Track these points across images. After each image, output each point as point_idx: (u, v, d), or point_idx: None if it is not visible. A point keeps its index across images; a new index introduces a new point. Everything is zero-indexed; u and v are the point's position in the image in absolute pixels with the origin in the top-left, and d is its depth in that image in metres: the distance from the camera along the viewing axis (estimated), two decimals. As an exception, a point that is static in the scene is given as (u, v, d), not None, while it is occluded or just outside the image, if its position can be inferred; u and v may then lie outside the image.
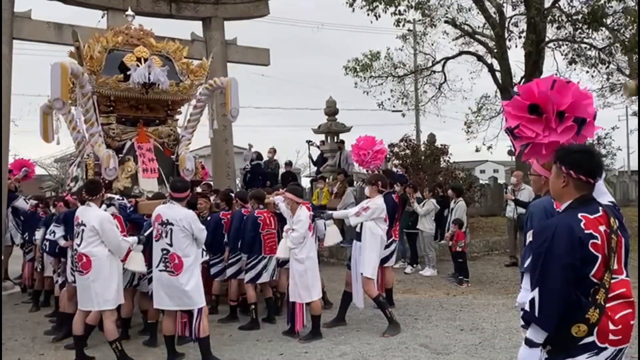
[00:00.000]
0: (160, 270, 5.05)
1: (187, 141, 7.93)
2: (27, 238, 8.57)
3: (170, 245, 5.00)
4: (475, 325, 6.28)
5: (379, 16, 14.73)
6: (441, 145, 13.87)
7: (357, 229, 6.27)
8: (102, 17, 11.81)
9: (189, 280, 5.01)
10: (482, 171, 41.56)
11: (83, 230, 5.13)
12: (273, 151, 13.92)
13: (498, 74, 16.10)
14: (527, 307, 2.34)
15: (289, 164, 14.42)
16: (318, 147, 14.51)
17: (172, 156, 7.83)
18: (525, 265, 2.49)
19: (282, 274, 6.91)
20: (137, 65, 7.17)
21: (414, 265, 9.95)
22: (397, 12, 14.79)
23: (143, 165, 7.34)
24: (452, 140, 15.95)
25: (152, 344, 5.81)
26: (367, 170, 9.36)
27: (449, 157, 13.74)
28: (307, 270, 5.88)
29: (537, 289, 2.31)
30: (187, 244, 5.05)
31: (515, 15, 15.60)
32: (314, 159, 14.55)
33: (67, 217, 6.17)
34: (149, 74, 7.12)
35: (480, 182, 17.02)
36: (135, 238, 5.42)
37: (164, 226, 5.04)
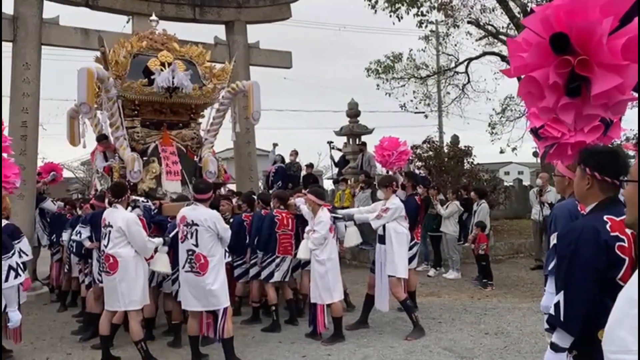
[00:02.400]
0: (187, 271, 5.11)
1: (210, 144, 8.01)
2: (54, 239, 8.74)
3: (196, 245, 5.05)
4: (500, 329, 6.19)
5: (402, 17, 14.69)
6: (465, 146, 13.73)
7: (380, 232, 6.25)
8: (127, 23, 12.04)
9: (215, 279, 5.07)
10: (507, 173, 41.01)
11: (110, 231, 5.22)
12: (295, 154, 13.96)
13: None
14: (552, 311, 2.30)
15: (310, 166, 14.43)
16: (339, 149, 14.51)
17: (195, 159, 7.91)
18: (550, 268, 2.45)
19: (304, 275, 6.93)
20: (161, 70, 7.28)
21: (437, 268, 9.87)
22: (419, 13, 14.73)
23: (167, 168, 7.43)
24: (476, 142, 15.82)
25: (177, 344, 5.87)
26: (388, 172, 9.32)
27: (473, 159, 13.60)
28: (328, 271, 5.88)
29: (562, 293, 2.26)
30: (212, 244, 5.11)
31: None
32: (336, 160, 14.55)
33: (93, 218, 6.28)
34: (173, 78, 7.22)
35: (505, 184, 16.80)
36: (160, 239, 5.50)
37: (189, 227, 5.10)
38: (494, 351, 5.44)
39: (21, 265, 3.82)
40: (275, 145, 14.07)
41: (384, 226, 6.14)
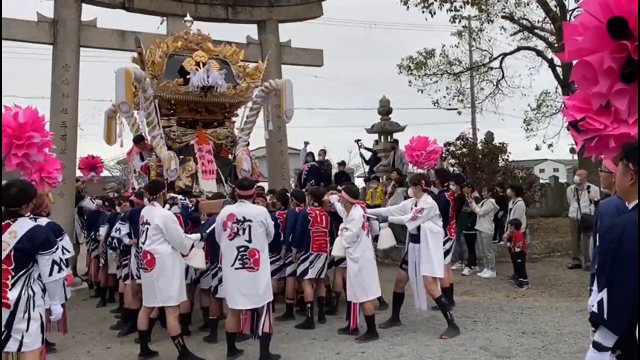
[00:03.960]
0: (237, 268, 5.11)
1: (243, 142, 8.08)
2: (92, 237, 8.97)
3: (249, 241, 5.11)
4: (537, 329, 6.08)
5: (434, 13, 14.53)
6: (499, 143, 13.50)
7: (413, 231, 6.20)
8: (161, 24, 12.24)
9: (267, 273, 5.23)
10: (542, 170, 40.13)
11: (147, 228, 5.32)
12: (324, 153, 13.97)
13: (559, 69, 15.53)
14: (595, 309, 2.25)
15: (342, 163, 14.40)
16: (368, 149, 14.47)
17: (229, 157, 8.00)
18: (596, 266, 2.39)
19: (337, 273, 6.93)
20: (196, 70, 7.38)
21: (472, 267, 9.74)
22: (452, 8, 14.53)
23: (203, 167, 7.54)
24: (511, 139, 15.56)
25: (212, 340, 5.95)
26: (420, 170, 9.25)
27: (508, 156, 13.36)
28: (361, 269, 5.87)
29: (605, 290, 2.20)
30: (264, 239, 5.24)
31: (578, 7, 14.97)
32: (366, 158, 14.49)
33: (131, 215, 6.42)
34: (208, 77, 7.31)
35: (540, 181, 16.45)
36: (197, 235, 5.59)
37: (241, 224, 5.14)
38: (531, 351, 5.34)
39: (64, 261, 3.93)
40: (306, 143, 14.11)
41: (418, 225, 6.10)
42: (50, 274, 3.69)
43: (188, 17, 8.48)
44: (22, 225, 3.65)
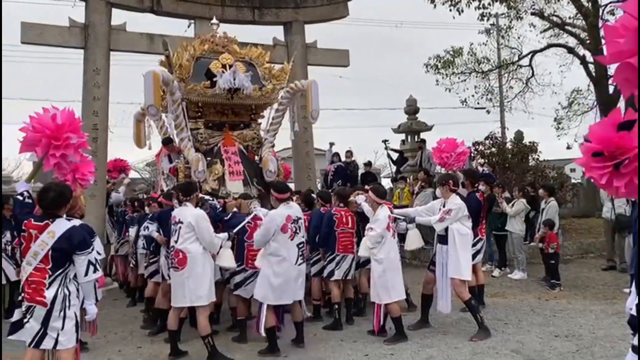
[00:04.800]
0: (300, 264, 5.51)
1: (269, 144, 8.11)
2: (123, 237, 9.10)
3: (303, 236, 5.57)
4: (571, 332, 5.93)
5: (462, 11, 14.33)
6: (529, 142, 13.25)
7: (441, 232, 6.11)
8: (189, 27, 12.38)
9: None
10: (572, 170, 39.23)
11: (180, 227, 5.38)
12: (350, 154, 13.90)
13: (591, 67, 15.17)
14: (633, 312, 2.17)
15: (368, 164, 14.32)
16: (395, 150, 14.37)
17: (255, 158, 8.03)
18: (636, 268, 2.31)
19: (363, 274, 6.88)
20: (223, 72, 7.43)
21: (502, 269, 9.57)
22: (481, 5, 14.33)
23: (229, 169, 7.59)
24: (541, 138, 15.28)
25: (242, 340, 5.97)
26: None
27: (538, 155, 13.10)
28: (385, 270, 5.82)
29: None
30: None
31: (611, 2, 14.61)
32: (393, 159, 14.39)
33: (160, 215, 6.49)
34: (234, 79, 7.37)
35: (572, 181, 16.10)
36: (225, 234, 5.63)
37: (296, 222, 5.47)
38: (565, 355, 5.21)
39: (99, 262, 4.01)
40: (331, 144, 14.07)
41: (446, 227, 6.02)
42: (86, 274, 3.78)
43: (214, 20, 8.55)
44: (60, 226, 3.76)
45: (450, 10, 14.40)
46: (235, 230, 5.73)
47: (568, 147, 18.29)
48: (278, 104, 8.19)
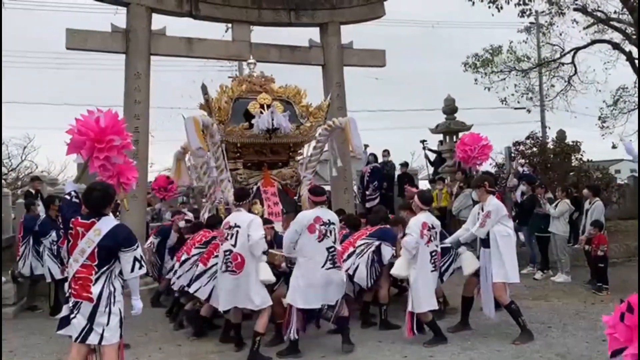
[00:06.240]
0: (328, 269, 5.43)
1: (308, 181, 8.03)
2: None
3: (335, 242, 5.47)
4: (619, 337, 5.69)
5: (501, 8, 14.05)
6: (572, 142, 12.87)
7: (483, 235, 5.99)
8: (226, 32, 12.53)
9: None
10: (617, 171, 37.87)
11: (238, 231, 5.45)
12: (387, 153, 13.81)
13: (637, 62, 14.63)
14: None
15: (405, 164, 14.17)
16: (432, 150, 14.18)
17: (295, 197, 8.02)
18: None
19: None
20: (261, 113, 7.51)
21: (545, 271, 9.31)
22: (521, 2, 14.01)
23: (269, 209, 7.56)
24: (584, 137, 14.77)
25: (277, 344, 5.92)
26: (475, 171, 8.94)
27: (582, 155, 12.70)
28: (416, 280, 5.71)
29: None
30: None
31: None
32: (431, 160, 14.21)
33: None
34: (272, 120, 7.42)
35: (618, 181, 15.54)
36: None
37: (327, 226, 5.45)
38: (613, 360, 5.01)
39: (143, 258, 4.11)
40: (366, 146, 13.97)
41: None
42: (132, 270, 3.90)
43: (251, 60, 8.64)
44: (105, 224, 3.87)
45: (489, 7, 14.14)
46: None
47: (613, 147, 17.69)
48: (316, 141, 8.15)
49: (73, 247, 3.88)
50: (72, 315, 3.84)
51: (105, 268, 3.83)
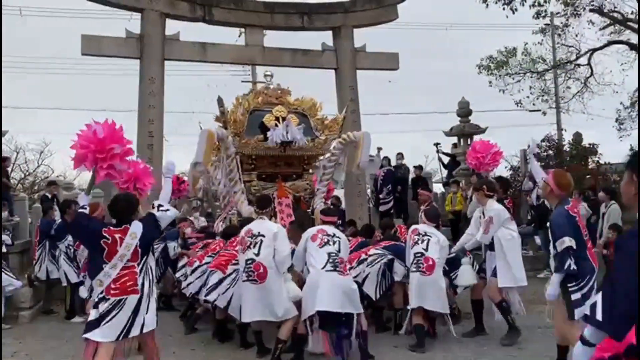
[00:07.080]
0: (328, 271, 5.25)
1: (321, 194, 8.04)
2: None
3: (338, 251, 5.27)
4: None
5: (516, 10, 13.94)
6: (589, 144, 12.71)
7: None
8: (240, 36, 12.60)
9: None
10: (637, 173, 37.31)
11: (262, 240, 5.36)
12: (401, 156, 13.74)
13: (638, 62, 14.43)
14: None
15: (419, 167, 14.08)
16: (446, 153, 14.09)
17: (308, 210, 7.97)
18: None
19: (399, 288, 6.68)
20: (276, 125, 7.52)
21: (561, 275, 9.17)
22: (536, 3, 13.89)
23: (282, 222, 7.48)
24: (601, 140, 14.59)
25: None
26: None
27: (599, 158, 12.54)
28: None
29: None
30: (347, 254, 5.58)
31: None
32: (445, 163, 14.12)
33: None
34: (287, 132, 7.43)
35: (636, 184, 15.30)
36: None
37: (331, 237, 5.38)
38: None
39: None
40: (379, 149, 13.92)
41: None
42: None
43: (268, 72, 8.66)
44: (137, 227, 4.16)
45: (504, 9, 14.04)
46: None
47: (631, 149, 17.40)
48: (331, 154, 8.11)
49: (111, 253, 4.03)
50: (110, 316, 3.93)
51: (143, 262, 4.13)
